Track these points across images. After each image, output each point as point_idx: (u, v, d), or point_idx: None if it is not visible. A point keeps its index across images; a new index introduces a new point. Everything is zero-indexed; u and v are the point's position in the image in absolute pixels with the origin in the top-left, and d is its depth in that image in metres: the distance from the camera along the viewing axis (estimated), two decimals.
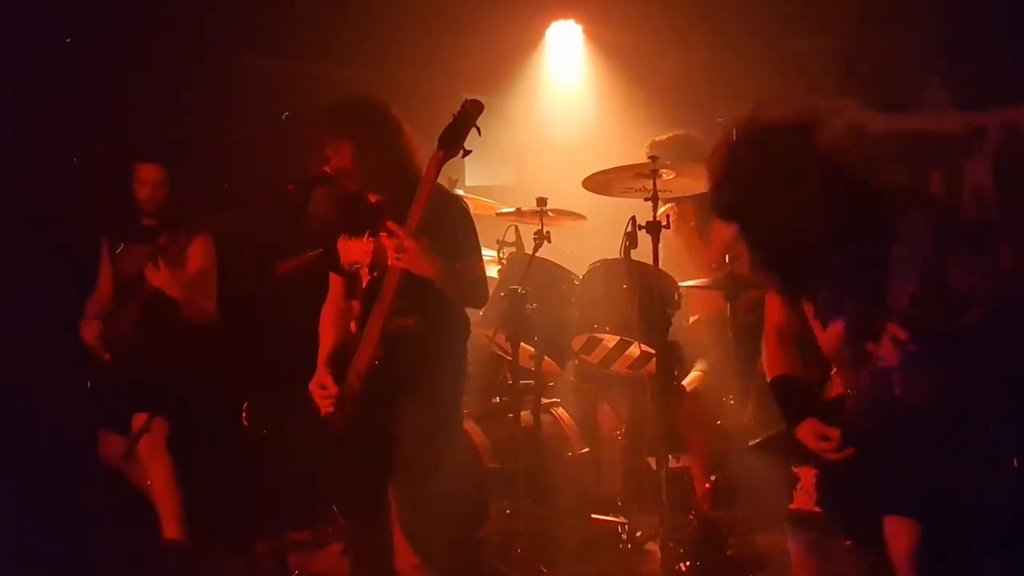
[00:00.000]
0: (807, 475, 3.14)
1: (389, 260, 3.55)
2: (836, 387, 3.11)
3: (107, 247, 4.94)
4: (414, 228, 3.46)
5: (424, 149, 3.71)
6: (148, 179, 4.81)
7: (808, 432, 3.06)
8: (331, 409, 3.67)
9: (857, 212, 2.96)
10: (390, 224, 3.48)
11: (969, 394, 2.98)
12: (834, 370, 3.13)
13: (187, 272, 4.76)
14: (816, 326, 3.17)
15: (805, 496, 3.14)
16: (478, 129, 3.50)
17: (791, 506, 3.18)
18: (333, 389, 3.67)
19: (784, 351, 3.28)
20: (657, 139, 4.94)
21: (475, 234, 3.76)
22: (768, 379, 3.31)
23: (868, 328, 2.94)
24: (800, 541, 3.33)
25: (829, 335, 3.12)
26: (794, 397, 3.19)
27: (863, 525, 3.04)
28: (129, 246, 4.87)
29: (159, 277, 4.63)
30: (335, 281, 3.94)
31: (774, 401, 3.26)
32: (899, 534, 2.92)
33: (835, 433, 2.98)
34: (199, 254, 4.83)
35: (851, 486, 3.03)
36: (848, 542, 3.20)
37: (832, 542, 3.31)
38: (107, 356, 4.75)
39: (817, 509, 3.11)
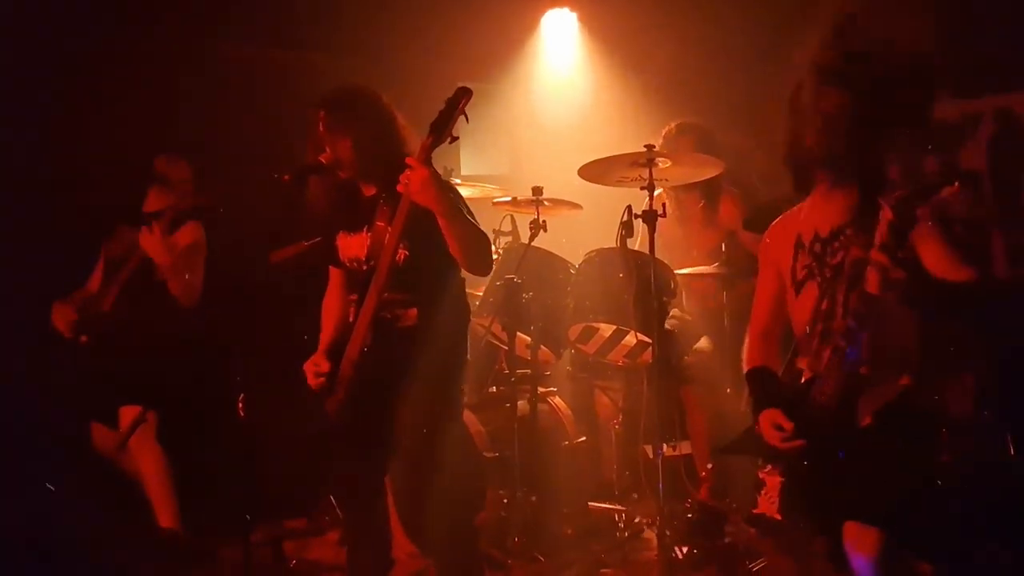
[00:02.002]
0: (773, 482, 3.16)
1: (385, 252, 3.56)
2: (805, 376, 3.14)
3: (104, 246, 4.93)
4: (425, 159, 3.43)
5: (418, 137, 3.70)
6: (178, 175, 4.83)
7: (767, 421, 3.09)
8: (321, 382, 3.66)
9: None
10: (408, 160, 3.44)
11: (936, 387, 3.01)
12: (802, 362, 3.15)
13: (176, 242, 4.74)
14: (790, 294, 3.19)
15: (768, 502, 3.15)
16: (466, 116, 3.48)
17: (754, 510, 3.19)
18: (324, 367, 3.67)
19: (764, 345, 3.32)
20: (672, 125, 4.94)
21: (468, 207, 3.75)
22: (744, 370, 3.34)
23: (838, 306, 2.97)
24: (765, 546, 3.36)
25: (801, 303, 3.13)
26: (765, 388, 3.23)
27: (823, 534, 3.05)
28: (120, 230, 4.86)
29: (150, 240, 4.59)
30: (334, 273, 3.94)
31: (748, 392, 3.30)
32: (860, 542, 2.91)
33: (789, 425, 3.01)
34: (190, 232, 4.81)
35: (813, 495, 3.04)
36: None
37: (799, 546, 3.32)
38: (84, 338, 4.68)
39: (778, 516, 3.12)
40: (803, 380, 3.14)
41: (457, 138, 3.47)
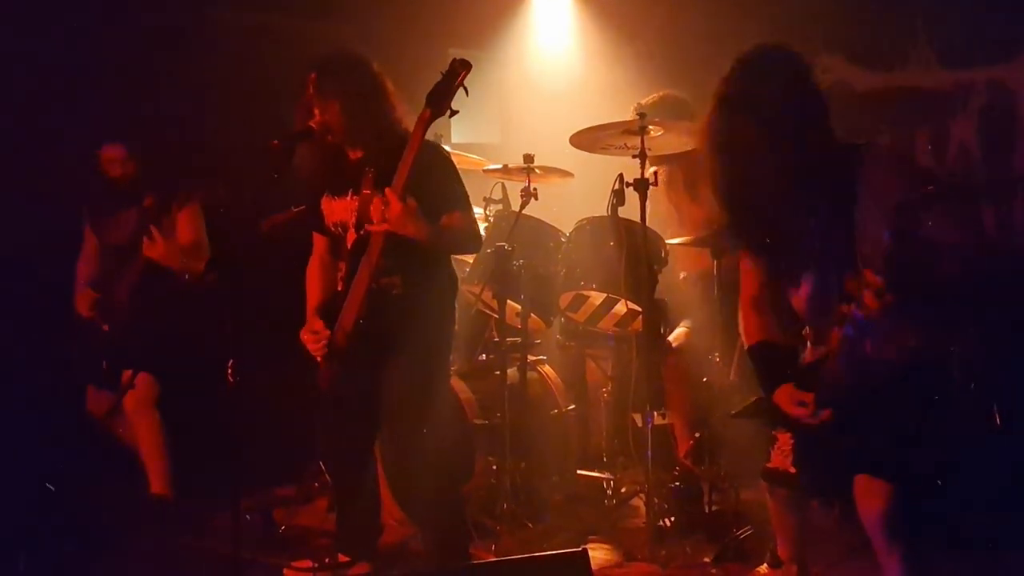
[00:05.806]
0: (784, 437, 3.18)
1: (374, 219, 3.55)
2: (811, 352, 3.13)
3: (87, 212, 4.92)
4: (401, 189, 3.45)
5: (410, 107, 3.69)
6: (116, 158, 4.76)
7: (785, 397, 3.09)
8: (325, 351, 3.67)
9: (814, 169, 2.99)
10: (387, 190, 3.46)
11: (941, 350, 3.01)
12: (806, 331, 3.15)
13: (178, 242, 4.74)
14: (789, 288, 3.18)
15: (781, 456, 3.18)
16: (465, 89, 3.48)
17: (768, 464, 3.22)
18: (325, 333, 3.67)
19: (761, 317, 3.29)
20: (643, 101, 4.89)
21: (460, 182, 3.74)
22: (746, 346, 3.33)
23: (837, 288, 2.96)
24: (777, 498, 3.38)
25: (800, 297, 3.13)
26: (772, 364, 3.22)
27: (835, 487, 3.07)
28: (113, 215, 4.84)
29: (155, 249, 4.64)
30: (319, 240, 3.93)
31: (753, 368, 3.30)
32: (869, 494, 2.95)
33: (809, 398, 3.02)
34: (188, 226, 4.78)
35: (826, 448, 3.06)
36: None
37: (808, 500, 3.36)
38: (106, 327, 4.76)
39: (792, 469, 3.14)
40: (810, 356, 3.14)
41: (457, 112, 3.48)
